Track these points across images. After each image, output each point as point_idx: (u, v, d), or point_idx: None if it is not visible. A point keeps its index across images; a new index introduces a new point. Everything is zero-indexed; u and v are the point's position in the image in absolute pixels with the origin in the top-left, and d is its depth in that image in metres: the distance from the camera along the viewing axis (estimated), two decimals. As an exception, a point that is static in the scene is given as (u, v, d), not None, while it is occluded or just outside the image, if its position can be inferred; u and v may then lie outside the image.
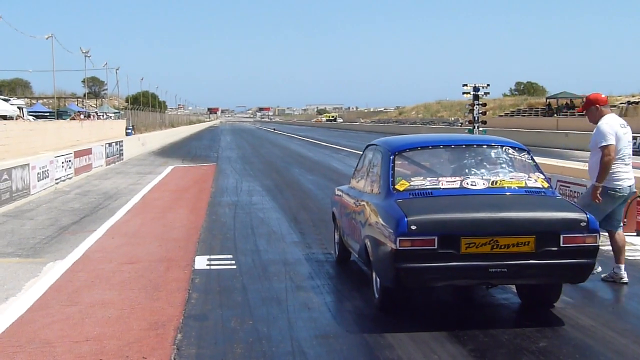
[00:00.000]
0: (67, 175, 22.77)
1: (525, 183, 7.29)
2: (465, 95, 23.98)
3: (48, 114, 55.89)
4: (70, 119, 49.27)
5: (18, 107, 46.92)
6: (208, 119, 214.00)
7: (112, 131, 46.57)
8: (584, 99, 9.61)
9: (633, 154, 9.09)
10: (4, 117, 38.63)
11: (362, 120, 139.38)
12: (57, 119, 47.93)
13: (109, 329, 7.11)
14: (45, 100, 75.79)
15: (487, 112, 24.72)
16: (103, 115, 64.68)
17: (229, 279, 9.17)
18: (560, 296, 7.45)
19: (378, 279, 7.21)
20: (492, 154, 7.59)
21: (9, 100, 50.46)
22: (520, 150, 7.71)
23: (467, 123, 24.30)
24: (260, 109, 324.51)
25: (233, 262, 10.22)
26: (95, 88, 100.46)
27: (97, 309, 7.80)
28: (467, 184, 7.17)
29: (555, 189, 13.80)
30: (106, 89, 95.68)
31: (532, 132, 51.66)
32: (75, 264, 10.23)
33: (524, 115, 69.80)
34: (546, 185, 7.36)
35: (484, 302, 7.87)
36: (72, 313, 7.68)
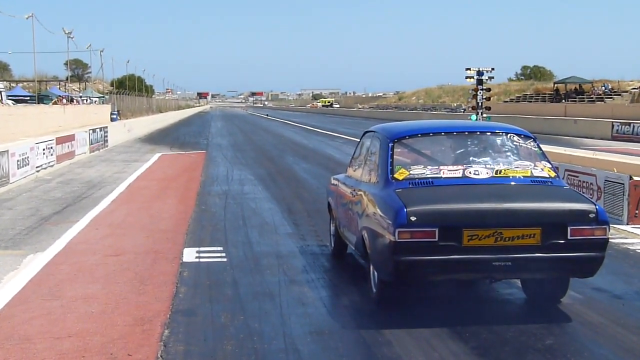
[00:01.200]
0: (49, 162, 22.75)
1: (531, 172, 7.17)
2: (468, 80, 23.94)
3: (29, 98, 55.70)
4: (52, 104, 49.19)
5: (-4, 91, 46.79)
6: (198, 104, 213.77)
7: (96, 116, 46.63)
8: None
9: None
10: (-18, 102, 38.54)
11: (360, 106, 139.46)
12: (38, 103, 47.86)
13: (92, 324, 7.10)
14: (25, 83, 75.53)
15: (492, 98, 24.69)
16: (87, 100, 64.53)
17: (219, 273, 9.17)
18: (568, 291, 7.45)
19: (376, 273, 7.14)
20: (497, 142, 7.47)
21: (-13, 83, 50.29)
22: (526, 137, 7.62)
23: (470, 109, 24.23)
24: (253, 94, 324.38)
25: (223, 254, 10.23)
26: (78, 71, 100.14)
27: (80, 304, 7.79)
28: (470, 173, 7.07)
29: (563, 178, 13.98)
30: (90, 72, 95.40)
31: (539, 118, 51.71)
32: (56, 256, 10.22)
33: (531, 101, 69.76)
34: (553, 174, 7.26)
35: (487, 297, 7.85)
36: (54, 308, 7.67)
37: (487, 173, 7.06)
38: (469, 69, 23.47)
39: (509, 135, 7.55)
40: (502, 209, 6.48)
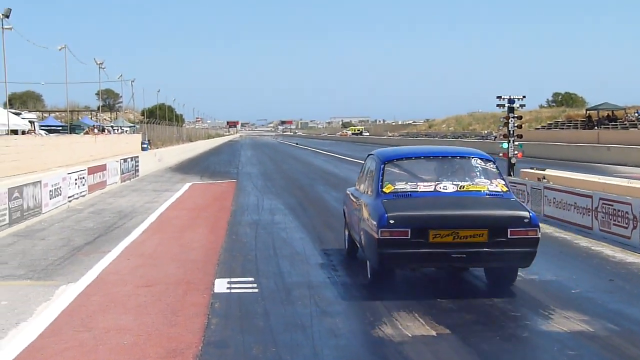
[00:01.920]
0: (81, 192, 22.93)
1: (487, 188, 9.42)
2: (499, 107, 23.80)
3: (61, 128, 56.22)
4: (84, 133, 49.59)
5: (29, 121, 47.24)
6: (227, 133, 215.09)
7: (127, 146, 46.83)
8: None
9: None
10: (15, 132, 39.02)
11: (390, 134, 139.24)
12: (70, 133, 48.18)
13: (125, 356, 7.12)
14: (57, 113, 76.35)
15: (523, 125, 24.53)
16: (118, 130, 65.05)
17: (250, 303, 9.18)
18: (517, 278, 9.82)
19: (368, 262, 9.42)
20: (463, 164, 9.78)
21: (21, 114, 50.83)
22: (487, 160, 9.89)
23: (501, 137, 24.09)
24: (282, 122, 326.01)
25: (254, 285, 10.24)
26: (109, 101, 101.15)
27: (112, 335, 7.82)
28: (440, 187, 9.34)
29: (597, 207, 14.39)
30: (121, 102, 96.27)
31: (572, 146, 51.34)
32: (88, 287, 10.29)
33: (562, 128, 69.24)
34: (505, 189, 9.46)
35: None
36: (86, 339, 7.70)
37: (453, 188, 9.31)
38: (500, 97, 23.36)
39: (473, 158, 9.86)
40: (458, 215, 8.71)
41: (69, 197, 21.29)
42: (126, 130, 65.90)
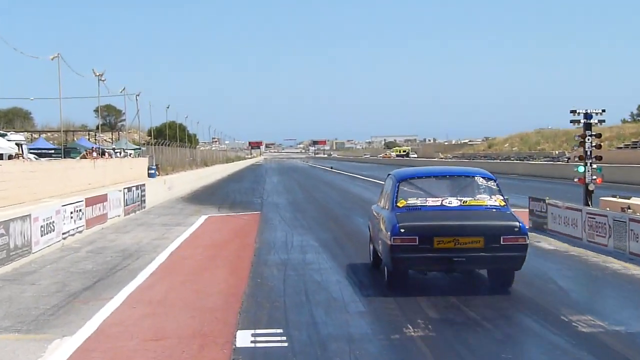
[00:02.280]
0: (77, 228, 23.07)
1: (486, 202, 12.92)
2: (573, 124, 23.44)
3: (53, 151, 56.39)
4: (81, 157, 49.77)
5: (17, 144, 47.27)
6: (249, 156, 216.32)
7: (132, 172, 47.25)
8: None
9: None
10: (0, 157, 39.26)
11: (442, 156, 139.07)
12: (65, 157, 48.15)
13: None
14: (49, 134, 77.04)
15: (603, 144, 24.13)
16: (120, 153, 65.35)
17: (279, 360, 9.11)
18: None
19: (387, 265, 12.87)
20: (467, 182, 13.32)
21: (6, 135, 51.07)
22: (489, 179, 13.42)
23: (576, 159, 23.73)
24: (314, 143, 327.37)
25: (284, 338, 10.23)
26: (110, 119, 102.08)
27: (116, 399, 7.81)
28: (446, 202, 12.86)
29: None
30: (124, 120, 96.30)
31: (662, 168, 50.81)
32: (87, 342, 10.28)
33: (650, 147, 68.49)
34: (503, 204, 13.02)
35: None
36: (85, 404, 7.70)
37: (457, 202, 12.80)
38: (575, 112, 22.99)
39: (475, 177, 13.44)
40: (458, 225, 12.13)
41: (63, 234, 21.41)
42: (130, 154, 66.22)
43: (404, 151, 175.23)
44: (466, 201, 13.08)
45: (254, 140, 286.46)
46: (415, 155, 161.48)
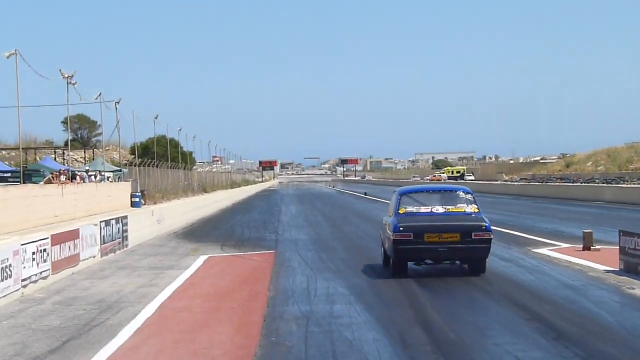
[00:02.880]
0: (41, 273, 23.15)
1: (465, 209, 22.99)
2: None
3: (10, 174, 55.58)
4: (45, 182, 49.35)
5: (-39, 166, 47.36)
6: (260, 179, 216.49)
7: (111, 201, 47.45)
8: None
9: None
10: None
11: (506, 177, 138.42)
12: (24, 182, 47.02)
13: None
14: (5, 152, 76.65)
15: None
16: (96, 176, 64.86)
17: None
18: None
19: (392, 257, 22.91)
20: (450, 195, 24.00)
21: (-54, 155, 50.98)
22: (467, 192, 23.87)
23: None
24: (342, 162, 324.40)
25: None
26: (83, 132, 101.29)
27: None
28: (434, 209, 23.04)
29: None
30: (100, 134, 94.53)
31: None
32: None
33: None
34: (477, 210, 23.11)
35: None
36: None
37: (442, 209, 22.98)
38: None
39: (457, 192, 24.21)
40: (441, 225, 22.28)
41: (23, 281, 21.54)
42: (108, 177, 66.21)
43: (457, 172, 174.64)
44: (449, 208, 23.27)
45: (266, 159, 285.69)
46: (472, 177, 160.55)
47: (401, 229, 22.31)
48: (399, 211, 23.22)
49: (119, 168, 72.15)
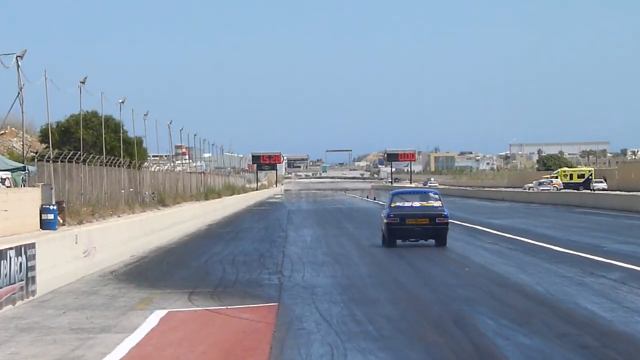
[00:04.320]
0: None
1: (433, 204, 67.23)
2: None
3: None
4: None
5: None
6: (255, 184, 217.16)
7: (6, 219, 47.23)
8: None
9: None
10: None
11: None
12: None
13: None
14: None
15: None
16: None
17: None
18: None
19: (384, 235, 67.95)
20: (426, 195, 72.20)
21: None
22: (435, 194, 71.04)
23: None
24: (390, 158, 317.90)
25: None
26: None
27: None
28: (414, 204, 67.71)
29: None
30: None
31: None
32: None
33: None
34: (441, 205, 66.65)
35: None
36: None
37: (419, 204, 67.73)
38: None
39: (429, 193, 72.80)
40: (418, 213, 66.46)
41: None
42: (4, 180, 66.25)
43: (580, 176, 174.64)
44: (424, 203, 61.63)
45: (264, 152, 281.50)
46: (604, 185, 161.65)
47: (392, 215, 56.24)
48: (391, 205, 58.25)
49: (21, 164, 71.91)
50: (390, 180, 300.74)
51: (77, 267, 42.18)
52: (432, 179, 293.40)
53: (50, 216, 52.03)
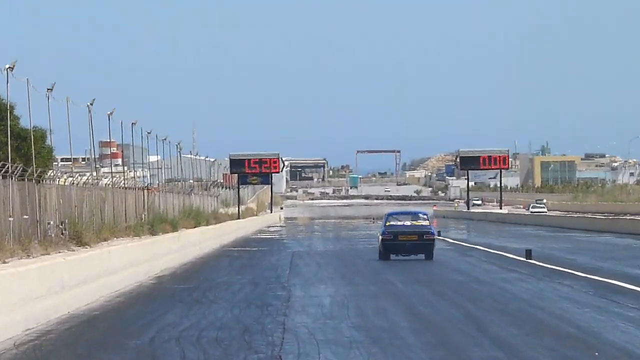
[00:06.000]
0: None
1: (422, 224, 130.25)
2: None
3: None
4: None
5: None
6: (237, 208, 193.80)
7: None
8: None
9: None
10: None
11: None
12: None
13: None
14: None
15: None
16: None
17: None
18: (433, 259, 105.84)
19: (380, 249, 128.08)
20: (416, 215, 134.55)
21: None
22: (424, 214, 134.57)
23: None
24: (462, 161, 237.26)
25: None
26: None
27: None
28: (405, 223, 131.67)
29: None
30: None
31: None
32: None
33: None
34: (429, 224, 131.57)
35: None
36: None
37: (410, 223, 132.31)
38: None
39: (419, 214, 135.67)
40: (408, 231, 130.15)
41: None
42: None
43: None
44: (414, 223, 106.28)
45: (251, 154, 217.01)
46: None
47: (386, 232, 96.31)
48: (386, 224, 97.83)
49: None
50: (465, 200, 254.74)
51: None
52: (544, 201, 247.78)
53: None
